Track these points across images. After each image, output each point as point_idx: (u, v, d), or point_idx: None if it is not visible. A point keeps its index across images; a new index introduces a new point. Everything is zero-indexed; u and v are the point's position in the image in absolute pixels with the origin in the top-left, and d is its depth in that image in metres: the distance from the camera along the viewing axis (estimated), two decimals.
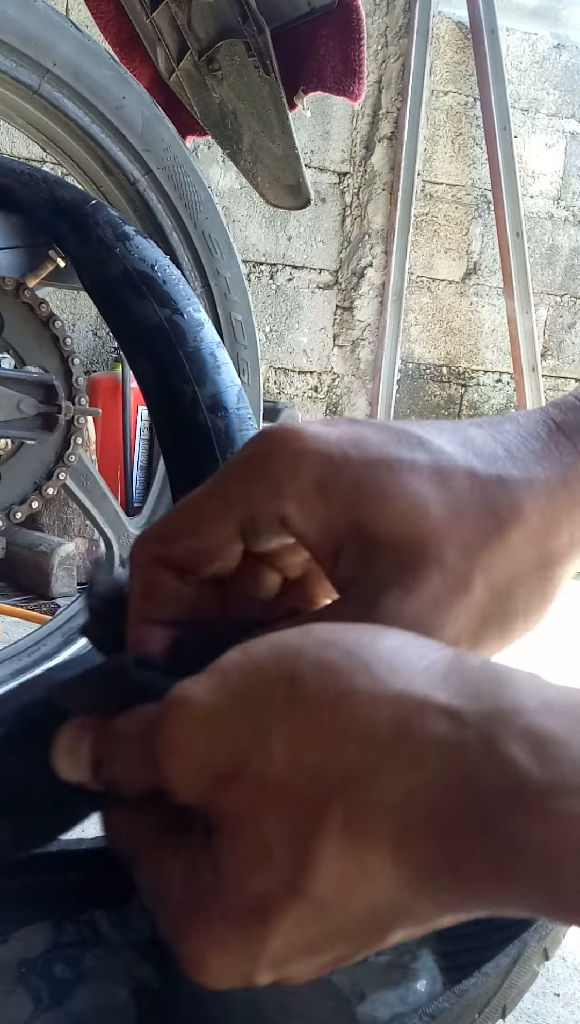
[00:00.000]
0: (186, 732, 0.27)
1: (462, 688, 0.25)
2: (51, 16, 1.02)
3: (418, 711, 0.25)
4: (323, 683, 0.26)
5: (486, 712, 0.25)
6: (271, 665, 0.27)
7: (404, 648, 0.27)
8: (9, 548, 2.58)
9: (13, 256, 1.00)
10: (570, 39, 3.68)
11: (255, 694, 0.27)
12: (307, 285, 3.42)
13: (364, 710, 0.25)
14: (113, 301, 0.88)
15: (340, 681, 0.26)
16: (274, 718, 0.26)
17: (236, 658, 0.28)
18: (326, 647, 0.27)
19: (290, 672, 0.27)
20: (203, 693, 0.27)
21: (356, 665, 0.26)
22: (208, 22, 1.12)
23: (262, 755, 0.26)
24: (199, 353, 0.82)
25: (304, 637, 0.28)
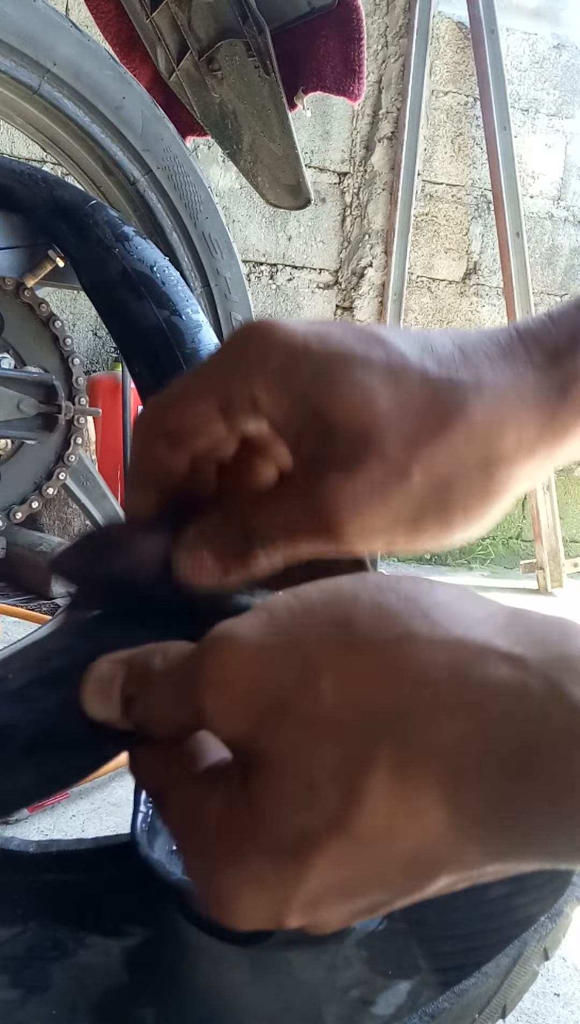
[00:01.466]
0: (231, 668, 0.27)
1: (524, 636, 0.25)
2: (51, 16, 1.02)
3: (478, 656, 0.25)
4: (379, 626, 0.26)
5: (550, 659, 0.24)
6: (323, 608, 0.27)
7: (463, 598, 0.27)
8: (9, 548, 2.58)
9: (13, 256, 1.00)
10: (570, 39, 3.68)
11: (306, 634, 0.26)
12: (307, 285, 3.42)
13: (422, 654, 0.25)
14: (111, 302, 0.88)
15: (396, 625, 0.26)
16: (325, 658, 0.26)
17: (286, 600, 0.28)
18: (383, 592, 0.27)
19: (344, 615, 0.26)
20: (249, 631, 0.27)
21: (414, 610, 0.26)
22: (208, 22, 1.12)
23: (311, 692, 0.26)
24: (197, 355, 0.82)
25: (359, 582, 0.27)
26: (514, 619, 0.26)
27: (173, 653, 0.30)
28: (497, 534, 3.87)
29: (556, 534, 3.45)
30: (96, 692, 0.30)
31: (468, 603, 0.27)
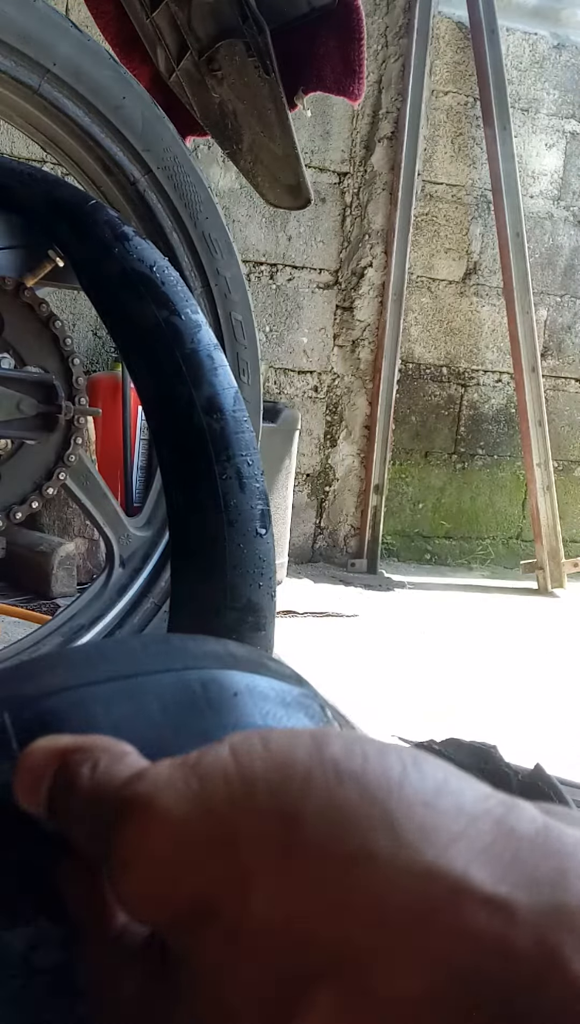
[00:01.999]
0: (145, 850, 0.22)
1: (512, 867, 0.20)
2: (51, 16, 1.02)
3: (452, 894, 0.20)
4: (331, 834, 0.21)
5: (543, 909, 0.19)
6: (265, 788, 0.22)
7: (440, 795, 0.21)
8: (9, 548, 2.58)
9: (13, 256, 1.00)
10: (570, 39, 3.68)
11: (240, 824, 0.21)
12: (307, 285, 3.42)
13: (380, 884, 0.20)
14: (111, 302, 0.88)
15: (353, 836, 0.21)
16: (260, 862, 0.21)
17: (223, 763, 0.22)
18: (342, 782, 0.21)
19: (291, 807, 0.21)
20: (173, 803, 0.22)
21: (376, 818, 0.21)
22: (208, 22, 1.12)
23: (240, 903, 0.21)
24: (196, 355, 0.82)
25: (317, 754, 0.22)
26: (500, 835, 0.21)
27: (101, 767, 0.24)
28: (497, 534, 3.87)
29: (556, 534, 3.45)
30: (25, 780, 0.25)
31: (448, 804, 0.21)
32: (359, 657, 2.27)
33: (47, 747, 0.26)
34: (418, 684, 2.05)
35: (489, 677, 2.18)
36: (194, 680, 0.29)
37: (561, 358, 3.84)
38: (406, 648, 2.41)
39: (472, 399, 3.75)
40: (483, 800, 0.22)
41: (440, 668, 2.23)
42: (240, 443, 0.80)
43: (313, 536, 3.59)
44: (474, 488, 3.81)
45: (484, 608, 3.06)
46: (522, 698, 2.02)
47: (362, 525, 3.57)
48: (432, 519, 3.78)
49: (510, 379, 3.70)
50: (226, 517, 0.79)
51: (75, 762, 0.25)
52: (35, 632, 1.26)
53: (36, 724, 0.27)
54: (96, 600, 1.26)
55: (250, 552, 0.79)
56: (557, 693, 2.09)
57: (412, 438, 3.69)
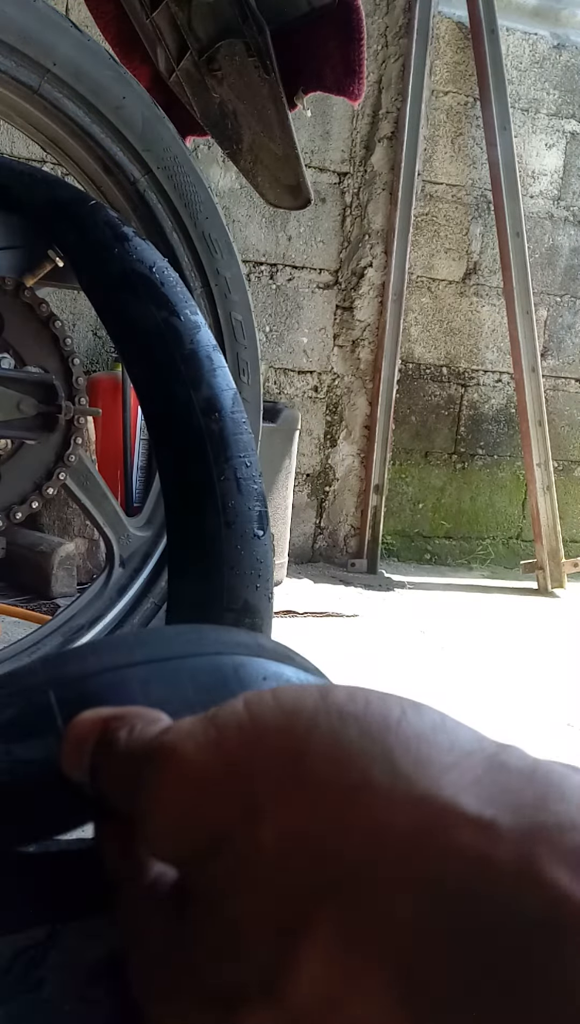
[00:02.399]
0: (169, 790, 0.25)
1: (498, 794, 0.22)
2: (51, 16, 1.02)
3: (441, 818, 0.22)
4: (333, 769, 0.23)
5: (524, 827, 0.21)
6: (276, 733, 0.24)
7: (436, 732, 0.24)
8: (9, 548, 2.58)
9: (13, 256, 1.00)
10: (570, 39, 3.68)
11: (253, 764, 0.24)
12: (307, 285, 3.42)
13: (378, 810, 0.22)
14: (110, 302, 0.88)
15: (354, 769, 0.23)
16: (270, 795, 0.23)
17: (238, 714, 0.25)
18: (344, 721, 0.24)
19: (298, 746, 0.24)
20: (194, 749, 0.25)
21: (375, 751, 0.23)
22: (208, 22, 1.12)
23: (249, 833, 0.23)
24: (195, 356, 0.82)
25: (322, 701, 0.24)
26: (491, 768, 0.23)
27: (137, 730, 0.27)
28: (497, 534, 3.87)
29: (556, 534, 3.45)
30: (70, 748, 0.28)
31: (442, 741, 0.23)
32: (359, 657, 2.27)
33: (91, 717, 0.28)
34: (418, 684, 2.05)
35: (489, 677, 2.18)
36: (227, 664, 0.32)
37: (561, 358, 3.84)
38: (406, 648, 2.41)
39: (472, 399, 3.75)
40: (477, 740, 0.24)
41: (440, 668, 2.23)
42: (238, 444, 0.80)
43: (313, 536, 3.59)
44: (474, 488, 3.81)
45: (484, 608, 3.06)
46: (522, 698, 2.02)
47: (362, 525, 3.56)
48: (432, 519, 3.78)
49: (510, 379, 3.70)
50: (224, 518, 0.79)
51: (115, 728, 0.27)
52: (35, 632, 1.26)
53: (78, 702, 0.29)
54: (96, 600, 1.26)
55: (247, 554, 0.79)
56: (557, 693, 2.09)
57: (412, 438, 3.69)
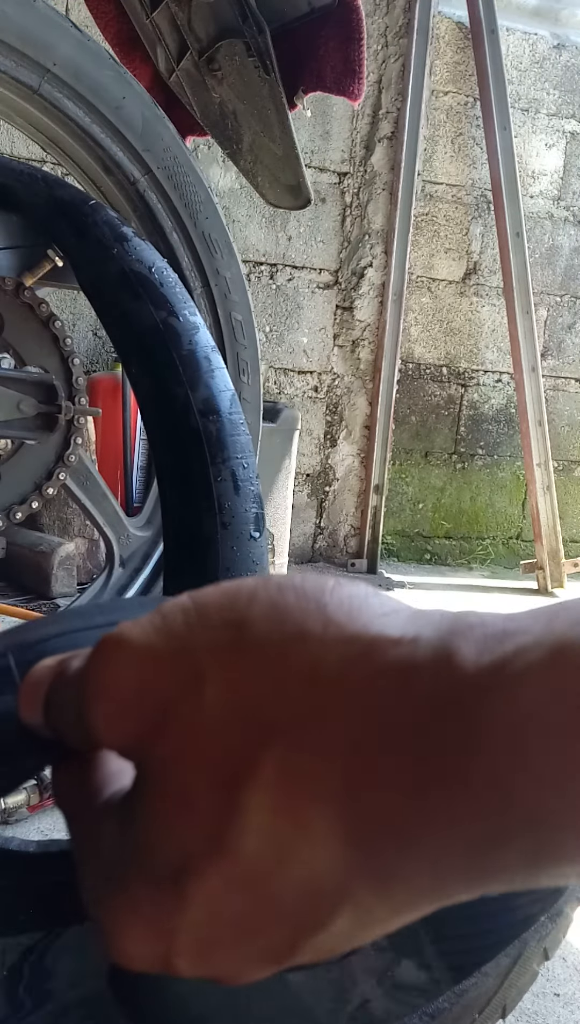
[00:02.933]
0: (114, 672, 0.25)
1: (422, 623, 0.23)
2: (51, 16, 1.02)
3: (369, 647, 0.22)
4: (272, 627, 0.24)
5: (444, 633, 0.22)
6: (217, 610, 0.25)
7: (368, 597, 0.24)
8: (9, 548, 2.58)
9: (12, 256, 1.00)
10: (570, 39, 3.68)
11: (195, 637, 0.24)
12: (307, 285, 3.42)
13: (312, 651, 0.23)
14: (109, 302, 0.88)
15: (289, 624, 0.24)
16: (212, 661, 0.24)
17: (181, 602, 0.25)
18: (282, 591, 0.24)
19: (239, 616, 0.24)
20: (139, 634, 0.25)
21: (310, 608, 0.24)
22: (208, 22, 1.12)
23: (194, 699, 0.23)
24: (193, 356, 0.82)
25: (261, 582, 0.25)
26: (418, 614, 0.24)
27: (85, 656, 0.27)
28: (497, 534, 3.87)
29: (556, 534, 3.45)
30: (27, 694, 0.28)
31: (374, 601, 0.24)
32: None
33: (45, 664, 0.28)
34: None
35: None
36: None
37: (561, 358, 3.84)
38: None
39: (472, 399, 3.75)
40: (408, 606, 0.25)
41: None
42: (236, 446, 0.80)
43: (313, 536, 3.59)
44: (474, 488, 3.81)
45: (484, 608, 3.05)
46: None
47: (362, 525, 3.56)
48: (432, 519, 3.78)
49: (510, 379, 3.70)
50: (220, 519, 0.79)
51: (67, 666, 0.27)
52: None
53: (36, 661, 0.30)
54: (96, 600, 1.26)
55: (243, 555, 0.79)
56: None
57: (412, 438, 3.69)
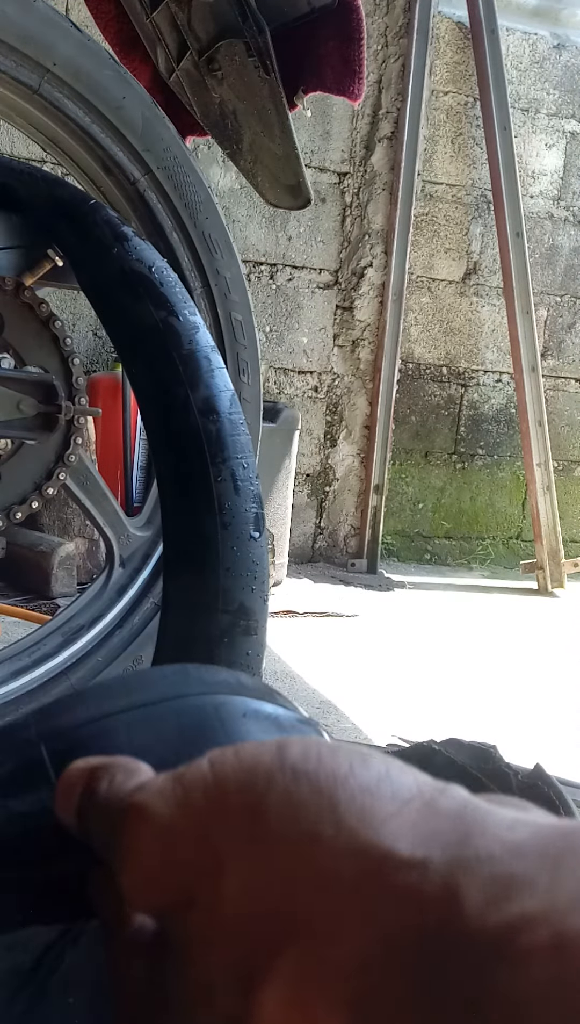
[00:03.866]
0: (142, 846, 0.27)
1: (430, 838, 0.24)
2: (51, 16, 1.02)
3: (380, 864, 0.24)
4: (287, 822, 0.25)
5: (448, 860, 0.24)
6: (236, 791, 0.26)
7: (379, 786, 0.26)
8: (9, 548, 2.58)
9: (12, 256, 1.00)
10: (570, 39, 3.68)
11: (215, 821, 0.26)
12: (307, 285, 3.42)
13: (325, 860, 0.25)
14: (109, 301, 0.88)
15: (304, 822, 0.25)
16: (231, 851, 0.26)
17: (201, 772, 0.27)
18: (298, 779, 0.26)
19: (255, 804, 0.26)
20: (164, 808, 0.27)
21: (324, 806, 0.25)
22: (208, 22, 1.12)
23: (214, 886, 0.26)
24: (193, 356, 0.82)
25: (278, 759, 0.27)
26: (426, 813, 0.25)
27: (116, 781, 0.29)
28: (497, 534, 3.87)
29: (556, 534, 3.45)
30: (61, 797, 0.30)
31: (384, 791, 0.26)
32: (359, 657, 2.27)
33: (79, 767, 0.30)
34: (418, 684, 2.05)
35: (489, 677, 2.18)
36: (208, 704, 0.34)
37: (561, 358, 3.84)
38: (406, 648, 2.41)
39: (472, 399, 3.75)
40: (417, 786, 0.26)
41: (440, 668, 2.23)
42: (235, 445, 0.80)
43: (313, 536, 3.59)
44: (474, 488, 3.81)
45: (484, 608, 3.06)
46: (522, 698, 2.02)
47: (362, 525, 3.57)
48: (432, 519, 3.78)
49: (510, 379, 3.70)
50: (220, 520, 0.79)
51: (98, 777, 0.29)
52: (35, 632, 1.26)
53: (68, 753, 0.31)
54: (96, 600, 1.26)
55: (243, 555, 0.79)
56: (557, 693, 2.09)
57: (412, 438, 3.69)
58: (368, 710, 1.81)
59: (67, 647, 1.22)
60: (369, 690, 1.96)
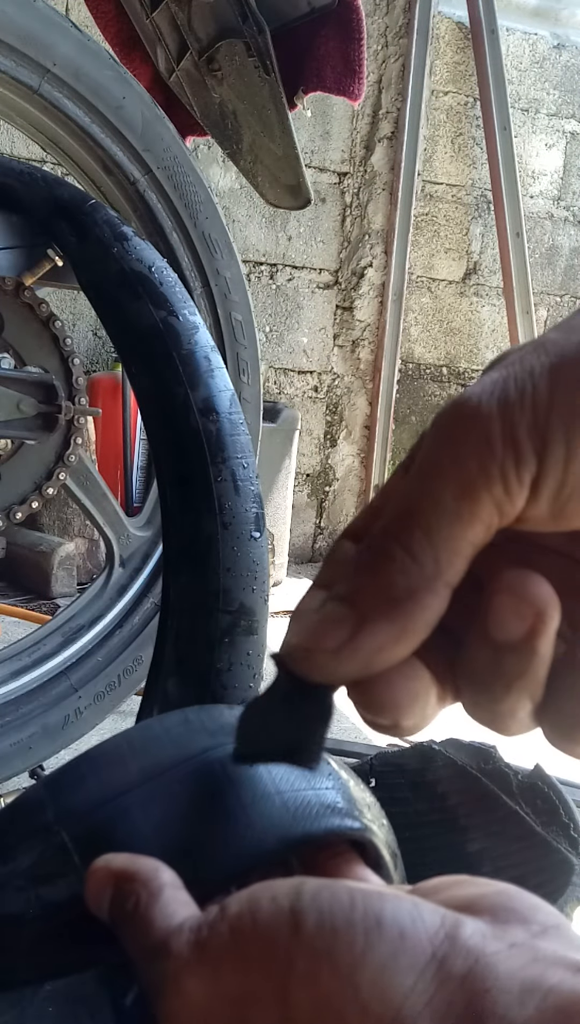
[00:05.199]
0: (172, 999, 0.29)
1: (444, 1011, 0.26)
2: (51, 16, 1.02)
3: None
4: (308, 999, 0.27)
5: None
6: (260, 968, 0.28)
7: (395, 959, 0.27)
8: (9, 548, 2.58)
9: (12, 256, 1.00)
10: (570, 39, 3.67)
11: (245, 1000, 0.28)
12: (307, 285, 3.42)
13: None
14: (109, 301, 0.88)
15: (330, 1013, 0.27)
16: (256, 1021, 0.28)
17: (224, 939, 0.29)
18: (317, 957, 0.27)
19: (278, 985, 0.27)
20: (198, 986, 0.28)
21: (347, 993, 0.27)
22: (208, 22, 1.12)
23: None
24: (193, 356, 0.82)
25: (296, 937, 0.28)
26: (440, 983, 0.27)
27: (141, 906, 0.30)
28: None
29: None
30: (91, 896, 0.31)
31: (402, 964, 0.27)
32: None
33: (103, 870, 0.31)
34: None
35: None
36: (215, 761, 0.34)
37: None
38: None
39: None
40: (430, 946, 0.27)
41: None
42: (235, 445, 0.80)
43: (313, 536, 3.59)
44: None
45: None
46: None
47: None
48: None
49: None
50: (220, 520, 0.79)
51: (122, 893, 0.31)
52: (35, 632, 1.26)
53: (90, 839, 0.32)
54: (96, 600, 1.26)
55: (244, 555, 0.79)
56: None
57: (412, 438, 3.69)
58: None
59: (67, 647, 1.22)
60: None
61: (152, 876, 0.31)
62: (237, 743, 0.33)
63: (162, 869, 0.31)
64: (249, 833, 0.32)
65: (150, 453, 2.81)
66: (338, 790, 0.34)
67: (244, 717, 0.33)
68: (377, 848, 0.35)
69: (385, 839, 0.36)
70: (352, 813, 0.34)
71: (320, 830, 0.33)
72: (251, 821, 0.32)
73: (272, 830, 0.32)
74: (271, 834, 0.32)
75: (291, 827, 0.32)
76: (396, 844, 0.38)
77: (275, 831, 0.32)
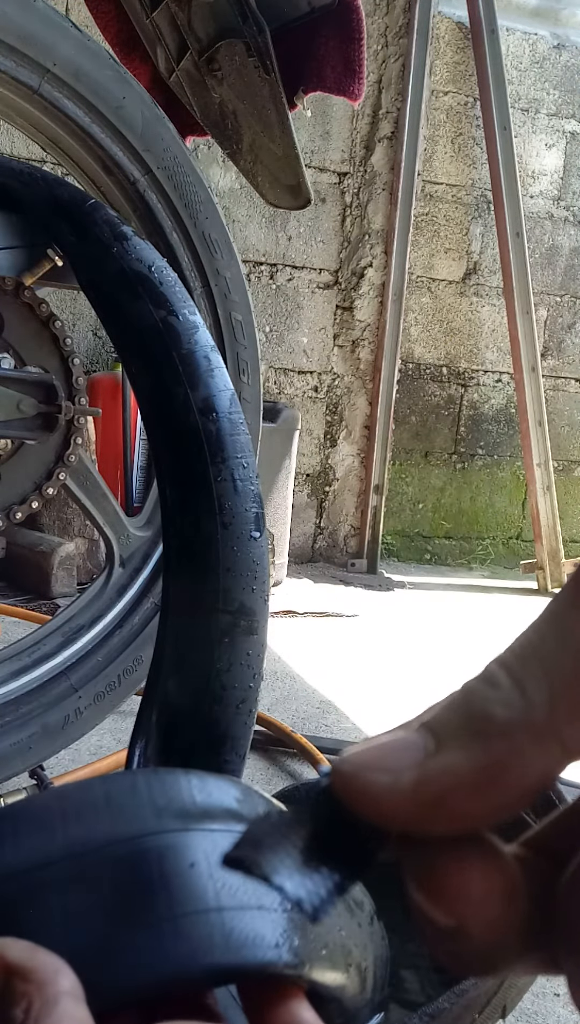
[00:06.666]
0: None
1: None
2: (51, 16, 1.02)
3: None
4: None
5: None
6: None
7: None
8: (9, 548, 2.58)
9: (12, 256, 1.00)
10: (570, 39, 3.68)
11: None
12: (307, 285, 3.42)
13: None
14: (109, 301, 0.88)
15: None
16: None
17: None
18: None
19: None
20: None
21: None
22: (208, 22, 1.12)
23: None
24: (193, 356, 0.82)
25: None
26: None
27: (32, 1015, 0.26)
28: (497, 534, 3.87)
29: (556, 534, 3.45)
30: None
31: None
32: (359, 657, 2.27)
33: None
34: (418, 684, 2.05)
35: None
36: (152, 851, 0.29)
37: (561, 358, 3.84)
38: (406, 648, 2.41)
39: (472, 399, 3.75)
40: None
41: (440, 668, 2.23)
42: (235, 445, 0.80)
43: (313, 536, 3.59)
44: (474, 488, 3.81)
45: (484, 608, 3.06)
46: None
47: (362, 525, 3.56)
48: (432, 519, 3.78)
49: (510, 379, 3.70)
50: (220, 519, 0.79)
51: (12, 993, 0.26)
52: (35, 632, 1.26)
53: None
54: (96, 600, 1.26)
55: (244, 555, 0.79)
56: None
57: (412, 438, 3.69)
58: (368, 710, 1.81)
59: (67, 647, 1.22)
60: (369, 690, 1.96)
61: (50, 980, 0.27)
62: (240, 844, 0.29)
63: (63, 972, 0.27)
64: (174, 949, 0.28)
65: (150, 453, 2.81)
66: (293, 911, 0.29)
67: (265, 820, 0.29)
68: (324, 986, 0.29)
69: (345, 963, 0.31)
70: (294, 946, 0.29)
71: (255, 963, 0.28)
72: (179, 936, 0.28)
73: (201, 953, 0.28)
74: (199, 958, 0.28)
75: (223, 955, 0.28)
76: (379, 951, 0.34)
77: (204, 956, 0.28)
